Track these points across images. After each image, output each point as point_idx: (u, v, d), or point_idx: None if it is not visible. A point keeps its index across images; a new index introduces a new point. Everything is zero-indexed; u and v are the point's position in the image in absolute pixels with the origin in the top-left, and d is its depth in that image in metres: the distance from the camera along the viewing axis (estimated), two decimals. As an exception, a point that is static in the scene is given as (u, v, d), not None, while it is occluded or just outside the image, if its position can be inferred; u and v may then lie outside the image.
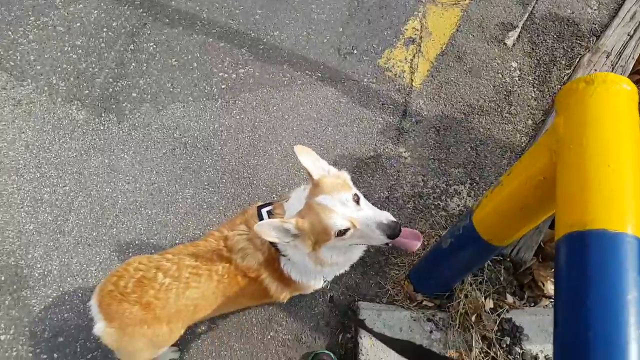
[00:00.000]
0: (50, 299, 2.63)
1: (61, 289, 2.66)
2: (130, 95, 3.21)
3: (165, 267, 1.87)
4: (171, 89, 3.24)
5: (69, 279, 2.68)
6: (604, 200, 1.20)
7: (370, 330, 1.72)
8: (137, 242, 2.78)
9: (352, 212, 1.68)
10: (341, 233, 1.66)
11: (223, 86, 3.25)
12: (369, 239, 1.72)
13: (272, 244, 1.85)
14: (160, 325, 1.86)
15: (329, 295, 2.69)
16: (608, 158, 1.26)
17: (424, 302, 2.61)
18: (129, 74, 3.28)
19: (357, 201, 1.72)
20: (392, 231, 1.64)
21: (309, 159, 1.81)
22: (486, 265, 2.68)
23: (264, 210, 1.94)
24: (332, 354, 2.50)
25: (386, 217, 1.67)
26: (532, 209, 1.72)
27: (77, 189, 2.92)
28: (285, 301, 2.15)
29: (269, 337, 2.59)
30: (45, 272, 2.69)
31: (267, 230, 1.67)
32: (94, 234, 2.80)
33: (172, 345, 2.42)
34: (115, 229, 2.81)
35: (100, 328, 1.84)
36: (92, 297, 1.92)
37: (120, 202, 2.89)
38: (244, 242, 1.90)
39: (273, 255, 1.91)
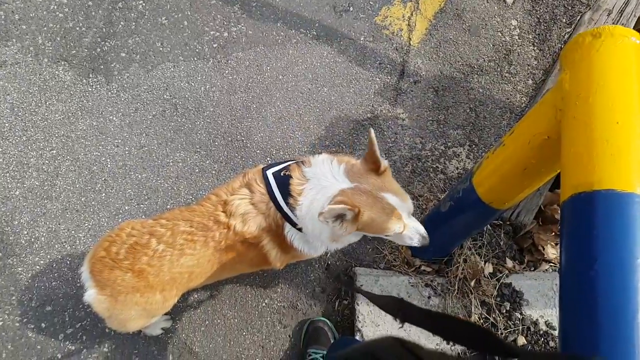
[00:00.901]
0: (38, 267, 2.30)
1: (49, 257, 2.32)
2: (118, 55, 2.77)
3: (159, 232, 1.61)
4: (161, 49, 2.79)
5: (56, 245, 2.34)
6: (612, 159, 1.05)
7: (358, 290, 1.54)
8: (126, 207, 2.42)
9: (407, 218, 1.57)
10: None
11: (215, 45, 2.81)
12: (401, 240, 1.62)
13: (280, 209, 1.58)
14: (153, 293, 1.63)
15: (326, 264, 2.36)
16: (616, 115, 1.10)
17: (422, 268, 2.32)
18: (117, 34, 2.82)
19: None
20: (425, 243, 1.62)
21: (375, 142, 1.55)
22: (485, 229, 2.37)
23: (269, 172, 1.65)
24: (328, 321, 2.20)
25: (423, 229, 1.62)
26: (535, 169, 1.51)
27: (64, 152, 2.53)
28: (282, 268, 1.84)
29: (264, 304, 2.27)
30: (32, 239, 2.34)
31: (329, 215, 1.39)
32: (83, 200, 2.43)
33: (165, 314, 2.16)
34: (104, 194, 2.45)
35: (91, 295, 1.63)
36: (83, 263, 1.66)
37: (109, 166, 2.51)
38: (246, 206, 1.62)
39: (277, 221, 1.63)
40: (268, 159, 2.54)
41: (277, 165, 1.70)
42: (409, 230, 1.57)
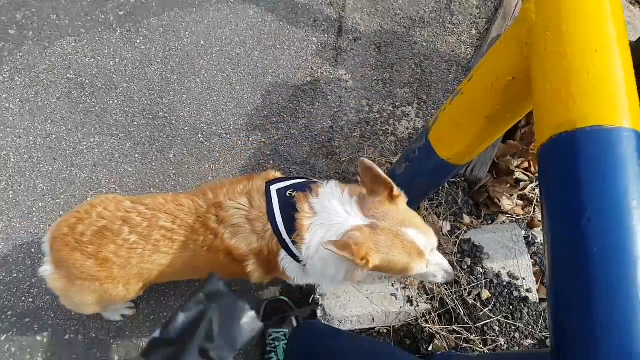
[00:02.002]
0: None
1: (-47, 273, 2.21)
2: (6, 34, 2.65)
3: (134, 222, 1.57)
4: (57, 22, 2.70)
5: (-38, 258, 2.23)
6: (594, 91, 1.02)
7: None
8: (40, 204, 2.34)
9: (430, 254, 1.51)
10: None
11: (121, 12, 2.75)
12: (423, 278, 1.61)
13: (279, 235, 1.53)
14: (115, 285, 1.60)
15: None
16: (593, 42, 1.07)
17: (380, 236, 2.42)
18: (1, 8, 2.69)
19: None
20: (450, 279, 1.59)
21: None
22: (442, 188, 2.52)
23: (273, 189, 1.60)
24: (287, 299, 2.25)
25: (447, 263, 1.59)
26: (500, 116, 1.51)
27: (-45, 152, 2.41)
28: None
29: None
30: None
31: (331, 247, 1.30)
32: (-14, 201, 2.33)
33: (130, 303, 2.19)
34: (11, 192, 2.35)
35: (46, 271, 1.63)
36: (46, 233, 1.66)
37: (12, 160, 2.41)
38: (240, 219, 1.56)
39: (272, 247, 1.57)
40: (199, 135, 2.55)
41: (284, 181, 1.65)
42: (432, 267, 1.53)
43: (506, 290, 2.26)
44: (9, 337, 2.12)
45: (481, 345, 2.12)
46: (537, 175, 2.59)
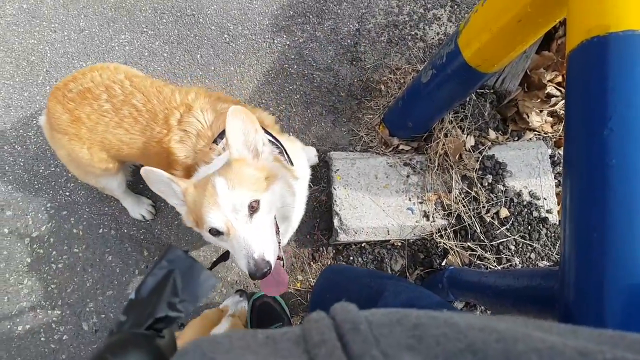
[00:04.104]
0: (-12, 171, 2.32)
1: (0, 160, 2.33)
2: None
3: (114, 92, 1.61)
4: None
5: (6, 147, 2.34)
6: None
7: None
8: (75, 100, 2.38)
9: (237, 219, 1.26)
10: (215, 232, 1.29)
11: None
12: (235, 257, 1.30)
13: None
14: (80, 145, 1.69)
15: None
16: None
17: (401, 147, 2.34)
18: None
19: (254, 211, 1.28)
20: (255, 272, 1.22)
21: (239, 129, 1.29)
22: (468, 100, 2.35)
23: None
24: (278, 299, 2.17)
25: (264, 252, 1.24)
26: (532, 20, 1.37)
27: (-5, 43, 2.42)
28: None
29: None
30: (-21, 144, 2.34)
31: (154, 180, 1.31)
32: (26, 95, 2.38)
33: (152, 205, 2.30)
34: (48, 87, 2.39)
35: (40, 119, 1.83)
36: None
37: (49, 55, 2.42)
38: (193, 129, 1.53)
39: (194, 169, 1.52)
40: (225, 35, 2.44)
41: (268, 134, 1.56)
42: (236, 239, 1.25)
43: (526, 209, 2.17)
44: (48, 227, 2.27)
45: (495, 264, 2.08)
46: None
